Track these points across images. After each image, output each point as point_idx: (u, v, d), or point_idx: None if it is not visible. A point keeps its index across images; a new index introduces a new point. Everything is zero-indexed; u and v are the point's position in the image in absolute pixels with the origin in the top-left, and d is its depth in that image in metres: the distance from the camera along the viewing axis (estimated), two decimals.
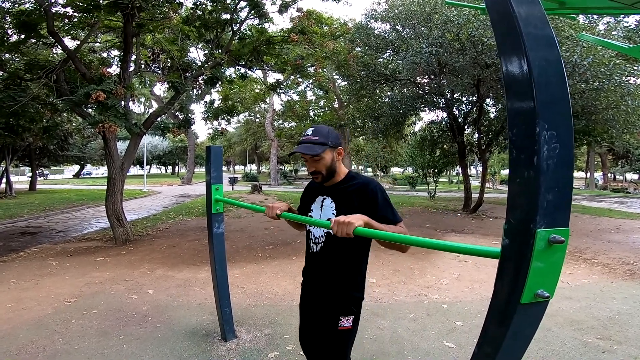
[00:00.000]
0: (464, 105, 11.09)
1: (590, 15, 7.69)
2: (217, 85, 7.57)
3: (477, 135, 11.01)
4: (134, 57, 6.87)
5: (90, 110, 6.25)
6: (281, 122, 27.85)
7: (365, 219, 1.23)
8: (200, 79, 7.00)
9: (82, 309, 3.36)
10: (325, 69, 11.06)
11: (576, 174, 40.63)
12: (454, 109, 10.81)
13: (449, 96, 10.31)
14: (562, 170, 0.73)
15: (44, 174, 33.78)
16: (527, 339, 0.86)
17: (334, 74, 14.67)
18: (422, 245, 1.06)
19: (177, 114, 8.48)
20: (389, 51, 10.40)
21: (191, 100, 7.58)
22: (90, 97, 4.95)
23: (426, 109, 11.27)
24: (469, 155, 12.43)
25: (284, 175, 31.72)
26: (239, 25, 7.19)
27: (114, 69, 7.67)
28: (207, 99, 8.34)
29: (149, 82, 10.48)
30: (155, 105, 21.10)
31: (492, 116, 10.89)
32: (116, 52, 8.26)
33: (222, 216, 2.58)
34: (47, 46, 7.00)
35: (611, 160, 30.79)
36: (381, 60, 10.65)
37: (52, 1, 5.51)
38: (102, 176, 35.37)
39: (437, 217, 9.88)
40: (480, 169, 16.64)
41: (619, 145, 15.27)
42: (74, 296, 3.70)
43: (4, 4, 5.99)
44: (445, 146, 13.05)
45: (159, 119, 7.27)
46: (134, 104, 10.38)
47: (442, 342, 2.73)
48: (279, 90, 9.07)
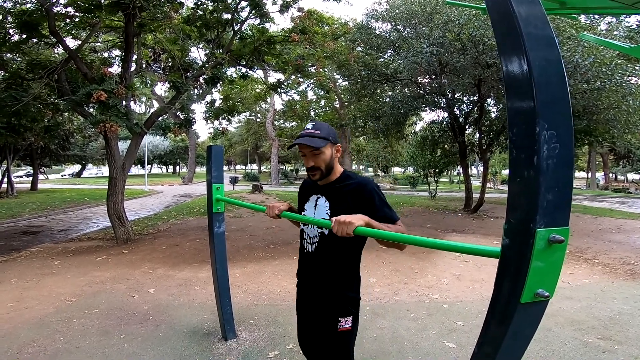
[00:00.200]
0: (465, 105, 11.09)
1: (591, 15, 7.68)
2: (218, 85, 7.58)
3: (478, 135, 10.99)
4: (135, 56, 6.89)
5: (91, 109, 6.26)
6: (282, 121, 27.89)
7: (365, 218, 1.23)
8: (201, 78, 7.01)
9: (83, 308, 3.37)
10: (326, 69, 11.07)
11: (577, 174, 40.56)
12: (455, 109, 10.79)
13: (450, 96, 10.29)
14: (562, 169, 0.74)
15: (44, 172, 33.73)
16: (527, 338, 0.86)
17: (335, 74, 14.69)
18: (423, 244, 1.06)
19: (178, 113, 8.48)
20: (390, 51, 10.39)
21: (192, 100, 7.58)
22: (91, 96, 4.96)
23: (427, 108, 11.26)
24: (470, 155, 12.41)
25: (284, 175, 31.72)
26: (240, 25, 7.20)
27: (115, 69, 7.71)
28: (208, 98, 8.35)
29: (150, 82, 10.51)
30: (156, 105, 21.11)
31: (493, 116, 10.88)
32: (117, 52, 8.27)
33: (223, 216, 2.58)
34: (48, 46, 7.01)
35: (612, 160, 30.72)
36: (382, 60, 10.65)
37: (54, 1, 5.51)
38: (90, 177, 35.36)
39: (438, 217, 9.88)
40: (481, 168, 16.63)
41: (620, 145, 15.22)
42: (75, 295, 3.71)
43: (5, 4, 6.00)
44: (446, 146, 13.03)
45: (160, 118, 7.28)
46: (135, 103, 10.41)
47: (442, 341, 2.73)
48: (279, 90, 9.07)
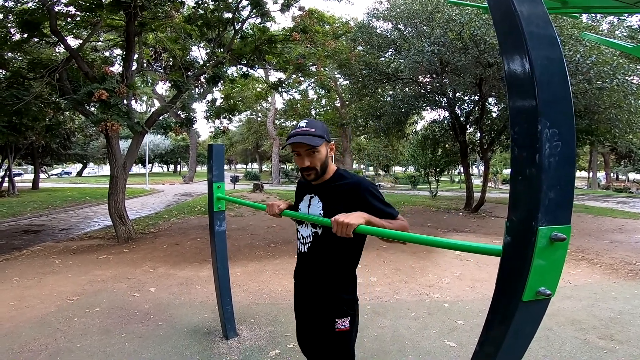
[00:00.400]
0: (466, 104, 11.07)
1: (593, 14, 7.65)
2: (219, 84, 7.58)
3: (479, 134, 10.98)
4: (136, 55, 6.90)
5: (92, 108, 6.28)
6: (283, 120, 27.87)
7: (365, 216, 1.22)
8: (202, 77, 7.03)
9: (85, 307, 3.38)
10: (327, 68, 11.07)
11: (579, 174, 40.45)
12: (456, 108, 10.78)
13: (451, 95, 10.28)
14: (564, 168, 0.73)
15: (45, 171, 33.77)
16: (528, 337, 0.86)
17: (336, 73, 14.69)
18: (424, 242, 1.06)
19: (179, 112, 8.50)
20: (391, 50, 10.39)
21: (193, 99, 7.59)
22: (92, 95, 4.98)
23: (428, 108, 11.25)
24: (471, 154, 12.41)
25: (285, 173, 31.70)
26: (240, 24, 7.20)
27: (117, 68, 7.71)
28: (209, 97, 8.38)
29: (151, 81, 10.49)
30: (157, 104, 21.12)
31: (495, 115, 10.86)
32: (118, 51, 8.29)
33: (224, 214, 2.58)
34: (49, 45, 7.03)
35: (614, 160, 30.66)
36: (383, 59, 10.64)
37: (55, 0, 5.52)
38: (85, 176, 35.35)
39: (438, 216, 9.87)
40: (482, 168, 16.61)
41: (621, 144, 15.21)
42: (76, 294, 3.72)
43: (7, 3, 6.01)
44: (447, 145, 13.02)
45: (161, 117, 7.30)
46: (136, 102, 10.46)
47: (443, 341, 2.73)
48: (280, 89, 9.08)
